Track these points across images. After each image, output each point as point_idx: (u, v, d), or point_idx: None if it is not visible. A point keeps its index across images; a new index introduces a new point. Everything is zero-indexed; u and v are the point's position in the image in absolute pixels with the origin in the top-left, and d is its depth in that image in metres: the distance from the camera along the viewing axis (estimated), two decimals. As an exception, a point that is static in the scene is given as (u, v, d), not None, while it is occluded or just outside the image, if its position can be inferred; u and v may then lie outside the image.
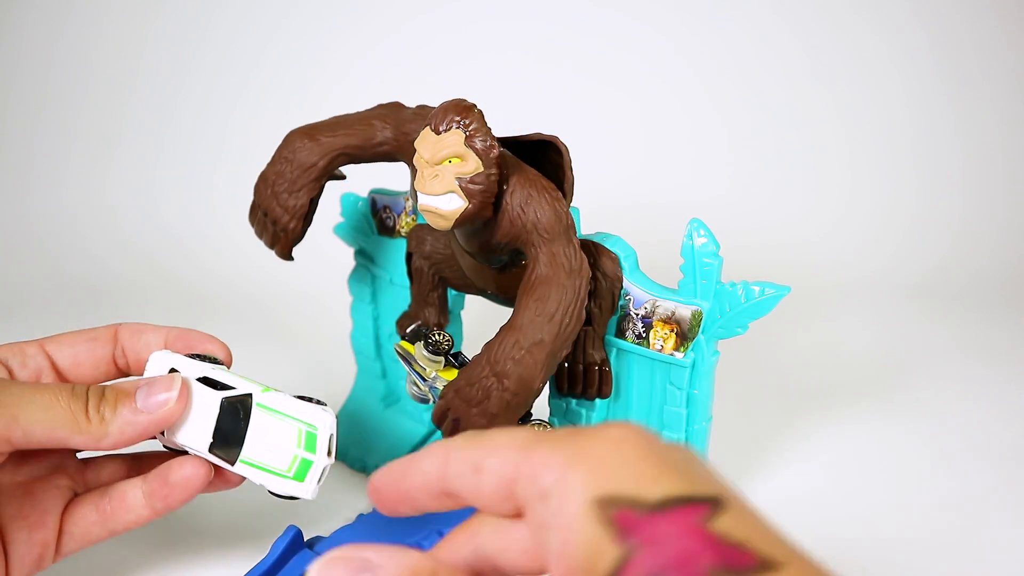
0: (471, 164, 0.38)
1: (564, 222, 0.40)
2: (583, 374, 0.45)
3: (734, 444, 0.54)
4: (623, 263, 0.43)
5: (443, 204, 0.38)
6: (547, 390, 0.47)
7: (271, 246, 0.47)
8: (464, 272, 0.46)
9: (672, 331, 0.43)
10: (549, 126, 0.46)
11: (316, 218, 0.48)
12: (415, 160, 0.39)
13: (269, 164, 0.46)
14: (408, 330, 0.47)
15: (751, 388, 0.63)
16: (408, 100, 0.47)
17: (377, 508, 0.32)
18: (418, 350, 0.45)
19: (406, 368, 0.46)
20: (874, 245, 0.91)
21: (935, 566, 0.45)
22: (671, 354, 0.43)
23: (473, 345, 0.41)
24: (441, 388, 0.43)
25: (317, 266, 0.78)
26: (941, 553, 0.46)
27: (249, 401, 0.36)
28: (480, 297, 0.48)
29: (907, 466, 0.54)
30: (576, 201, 0.43)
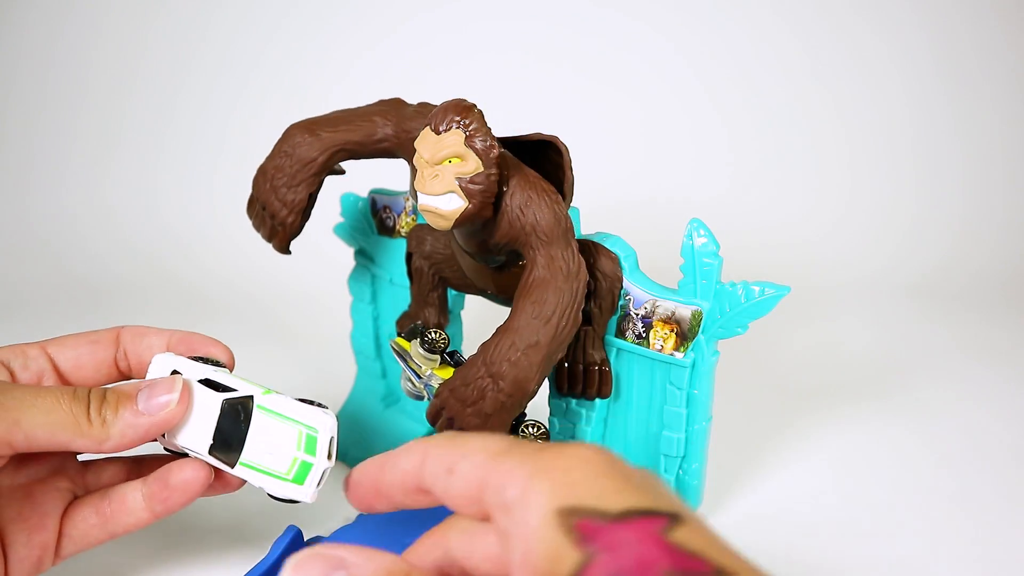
0: (471, 164, 0.38)
1: (563, 225, 0.40)
2: (583, 374, 0.45)
3: (734, 444, 0.54)
4: (623, 263, 0.43)
5: (443, 204, 0.38)
6: (547, 390, 0.47)
7: (268, 239, 0.47)
8: (464, 272, 0.46)
9: (672, 331, 0.43)
10: (549, 126, 0.46)
11: (316, 218, 0.48)
12: (415, 160, 0.39)
13: (268, 158, 0.46)
14: (405, 327, 0.47)
15: (751, 388, 0.63)
16: (408, 100, 0.47)
17: (352, 503, 0.33)
18: (414, 348, 0.45)
19: (401, 365, 0.46)
20: (874, 245, 0.91)
21: (935, 566, 0.45)
22: (671, 354, 0.43)
23: (473, 345, 0.41)
24: (436, 386, 0.43)
25: (317, 266, 0.78)
26: (941, 553, 0.46)
27: (250, 403, 0.36)
28: (480, 297, 0.48)
29: (907, 466, 0.54)
30: (576, 201, 0.43)
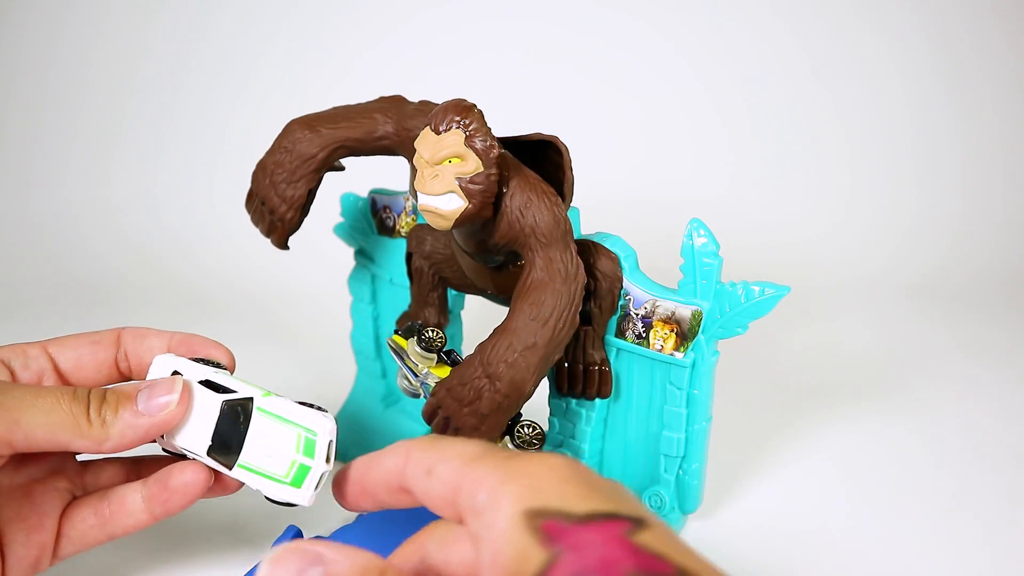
0: (471, 164, 0.38)
1: (562, 227, 0.40)
2: (583, 374, 0.45)
3: (734, 444, 0.54)
4: (623, 263, 0.43)
5: (443, 204, 0.38)
6: (547, 390, 0.47)
7: (267, 235, 0.47)
8: (464, 272, 0.46)
9: (672, 331, 0.43)
10: (549, 126, 0.46)
11: (316, 218, 0.48)
12: (415, 160, 0.39)
13: (268, 153, 0.46)
14: (402, 325, 0.47)
15: (751, 388, 0.63)
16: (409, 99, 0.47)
17: (338, 501, 0.34)
18: (411, 346, 0.45)
19: (398, 363, 0.46)
20: (874, 245, 0.91)
21: (935, 566, 0.45)
22: (671, 354, 0.43)
23: (473, 345, 0.41)
24: (432, 384, 0.43)
25: (317, 266, 0.78)
26: (941, 553, 0.46)
27: (250, 405, 0.36)
28: (480, 297, 0.48)
29: (907, 466, 0.54)
30: (576, 201, 0.43)
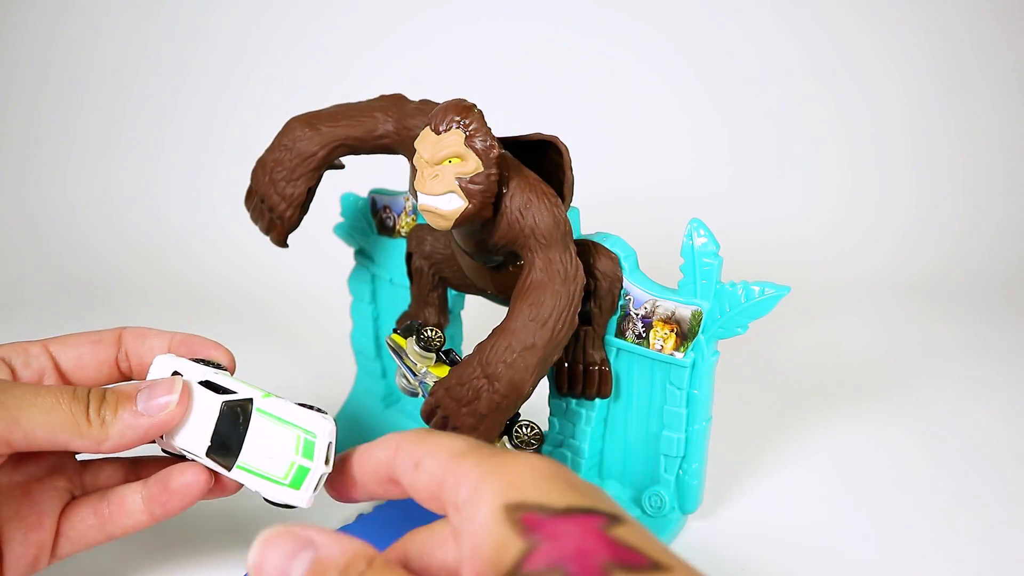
0: (471, 164, 0.38)
1: (562, 228, 0.40)
2: (583, 374, 0.45)
3: (734, 444, 0.54)
4: (623, 263, 0.43)
5: (443, 204, 0.38)
6: (547, 390, 0.47)
7: (266, 233, 0.47)
8: (464, 272, 0.46)
9: (672, 331, 0.43)
10: (549, 126, 0.46)
11: (316, 218, 0.48)
12: (415, 160, 0.39)
13: (268, 150, 0.46)
14: (402, 325, 0.47)
15: (751, 388, 0.63)
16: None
17: (328, 491, 0.35)
18: (409, 345, 0.45)
19: (397, 361, 0.46)
20: (874, 245, 0.91)
21: (935, 566, 0.45)
22: (671, 354, 0.43)
23: (473, 345, 0.41)
24: (431, 384, 0.43)
25: (317, 266, 0.78)
26: (941, 553, 0.46)
27: (249, 406, 0.36)
28: (480, 297, 0.48)
29: (907, 466, 0.54)
30: (576, 201, 0.43)
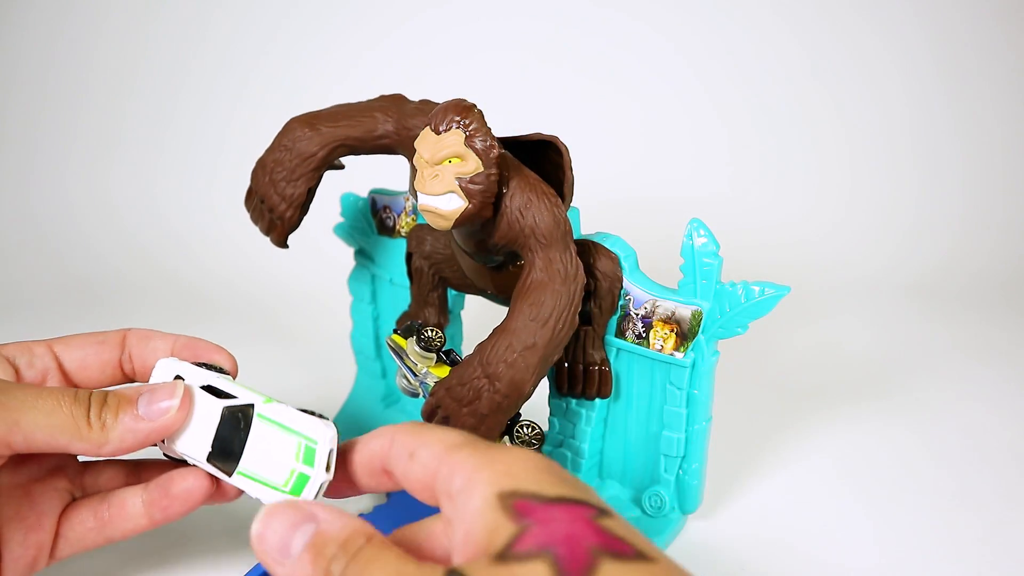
0: (471, 164, 0.38)
1: (562, 228, 0.40)
2: (583, 374, 0.45)
3: (734, 444, 0.54)
4: (623, 263, 0.43)
5: (443, 204, 0.38)
6: (547, 390, 0.47)
7: (266, 233, 0.47)
8: (464, 272, 0.46)
9: (672, 331, 0.43)
10: (549, 126, 0.46)
11: (316, 218, 0.48)
12: (415, 160, 0.39)
13: (268, 151, 0.46)
14: (402, 325, 0.47)
15: (751, 388, 0.63)
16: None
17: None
18: (410, 345, 0.45)
19: (397, 362, 0.46)
20: (874, 245, 0.91)
21: (935, 566, 0.45)
22: (671, 354, 0.43)
23: (473, 345, 0.41)
24: (431, 384, 0.43)
25: (317, 266, 0.78)
26: (942, 553, 0.46)
27: (250, 411, 0.36)
28: (480, 297, 0.48)
29: (907, 466, 0.54)
30: (576, 201, 0.43)
